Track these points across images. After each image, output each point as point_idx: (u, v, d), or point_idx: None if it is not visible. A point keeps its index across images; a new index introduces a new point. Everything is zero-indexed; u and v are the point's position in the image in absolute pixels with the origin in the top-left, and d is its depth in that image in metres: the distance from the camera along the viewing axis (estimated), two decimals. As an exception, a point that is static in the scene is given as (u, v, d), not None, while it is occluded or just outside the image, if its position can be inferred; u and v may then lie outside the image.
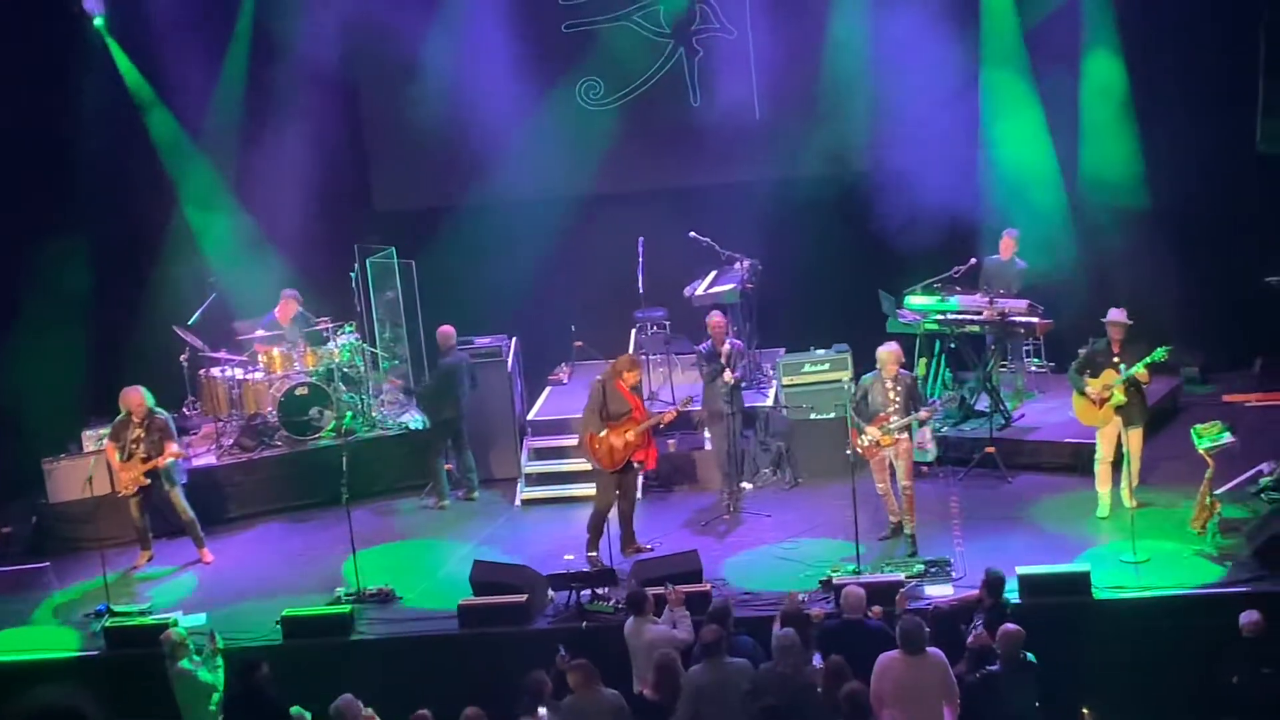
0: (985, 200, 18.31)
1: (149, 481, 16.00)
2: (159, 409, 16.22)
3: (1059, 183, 18.56)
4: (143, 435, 15.95)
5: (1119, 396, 14.85)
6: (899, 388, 14.78)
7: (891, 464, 14.92)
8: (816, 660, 11.87)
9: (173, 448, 16.11)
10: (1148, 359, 14.69)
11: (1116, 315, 15.15)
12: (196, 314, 18.48)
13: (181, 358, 18.32)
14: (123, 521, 16.61)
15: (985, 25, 18.66)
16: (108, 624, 14.64)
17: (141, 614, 14.85)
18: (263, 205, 19.63)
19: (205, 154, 19.82)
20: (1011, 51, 18.58)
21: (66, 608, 15.54)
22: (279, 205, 19.48)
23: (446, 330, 17.41)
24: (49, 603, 15.73)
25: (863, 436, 14.80)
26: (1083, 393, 15.13)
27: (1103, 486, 15.18)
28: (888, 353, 14.83)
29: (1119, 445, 15.00)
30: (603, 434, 15.16)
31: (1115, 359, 14.95)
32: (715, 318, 16.44)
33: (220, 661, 13.09)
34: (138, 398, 16.02)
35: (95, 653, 14.52)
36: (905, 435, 14.85)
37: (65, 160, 18.92)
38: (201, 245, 19.75)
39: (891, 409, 14.75)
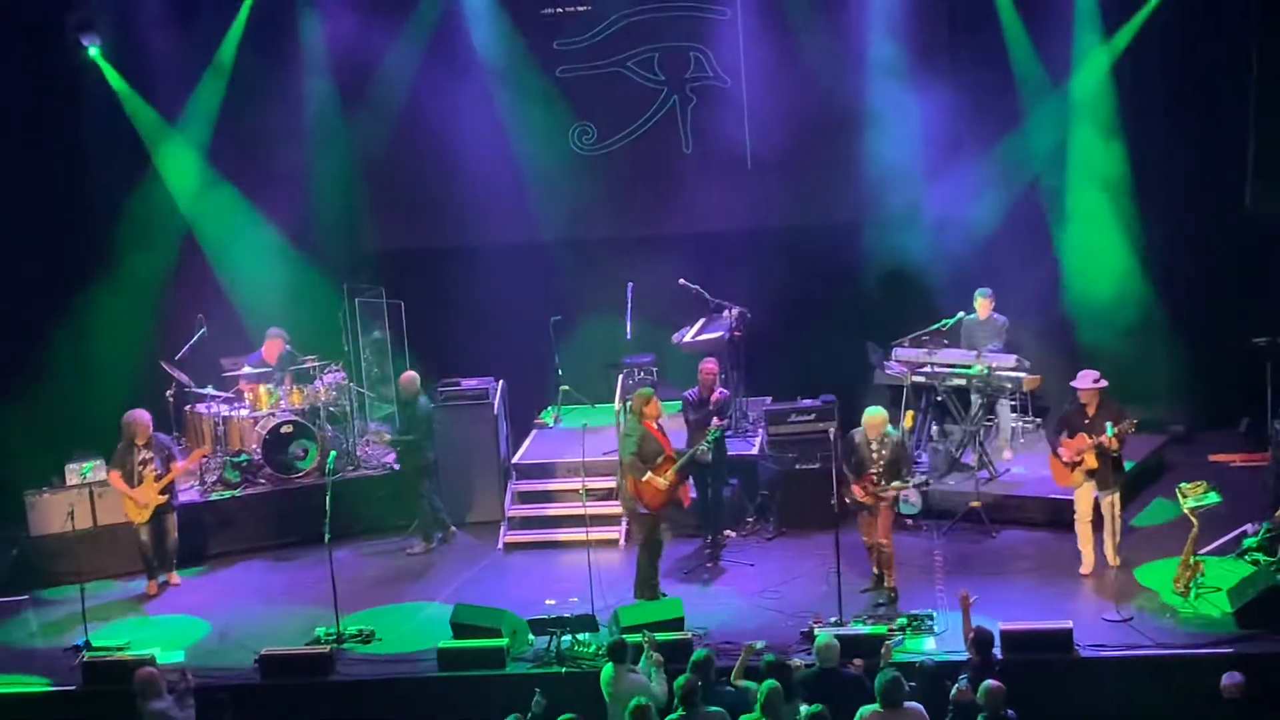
0: (973, 254, 18.28)
1: (166, 498, 16.09)
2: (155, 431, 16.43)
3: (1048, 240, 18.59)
4: (151, 457, 15.99)
5: (1091, 461, 14.81)
6: (884, 450, 14.76)
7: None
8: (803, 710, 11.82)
9: (183, 461, 16.49)
10: (1110, 431, 14.54)
11: (1083, 380, 15.01)
12: (184, 349, 18.42)
13: (168, 393, 18.26)
14: (102, 556, 16.71)
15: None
16: (86, 658, 14.54)
17: (120, 649, 14.75)
18: (253, 242, 19.62)
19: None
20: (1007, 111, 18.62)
21: (46, 640, 15.47)
22: (268, 243, 19.52)
23: (411, 375, 17.40)
24: (27, 635, 15.67)
25: (847, 494, 14.80)
26: (1057, 454, 15.09)
27: (1084, 544, 15.12)
28: (874, 417, 14.81)
29: (1097, 504, 14.98)
30: (645, 478, 15.09)
31: (1087, 422, 14.85)
32: (708, 364, 16.43)
33: (192, 701, 12.98)
34: (146, 422, 16.11)
35: (73, 687, 14.41)
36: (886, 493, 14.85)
37: (61, 192, 18.90)
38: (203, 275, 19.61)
39: (875, 469, 14.75)
